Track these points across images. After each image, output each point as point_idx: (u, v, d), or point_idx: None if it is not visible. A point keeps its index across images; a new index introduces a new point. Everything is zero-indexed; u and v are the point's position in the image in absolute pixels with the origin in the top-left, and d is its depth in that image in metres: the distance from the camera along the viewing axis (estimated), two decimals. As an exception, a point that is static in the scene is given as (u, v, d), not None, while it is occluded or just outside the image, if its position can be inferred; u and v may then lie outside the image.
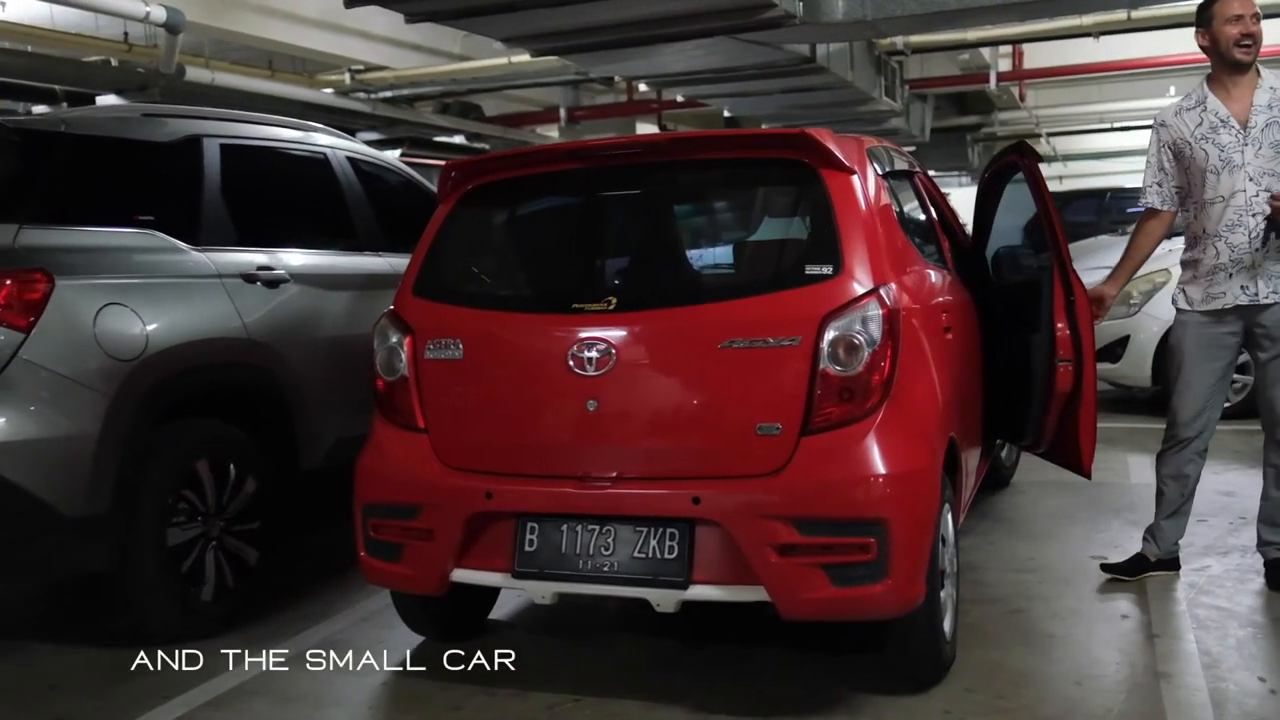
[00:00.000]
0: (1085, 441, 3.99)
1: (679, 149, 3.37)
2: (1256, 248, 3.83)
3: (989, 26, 10.09)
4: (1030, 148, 4.10)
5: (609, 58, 7.44)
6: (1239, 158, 3.86)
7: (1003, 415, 4.31)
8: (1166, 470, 4.13)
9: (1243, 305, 3.89)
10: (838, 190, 3.18)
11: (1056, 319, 3.90)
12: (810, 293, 3.07)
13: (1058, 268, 3.92)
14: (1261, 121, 3.84)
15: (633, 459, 3.16)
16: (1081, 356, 3.91)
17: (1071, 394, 3.95)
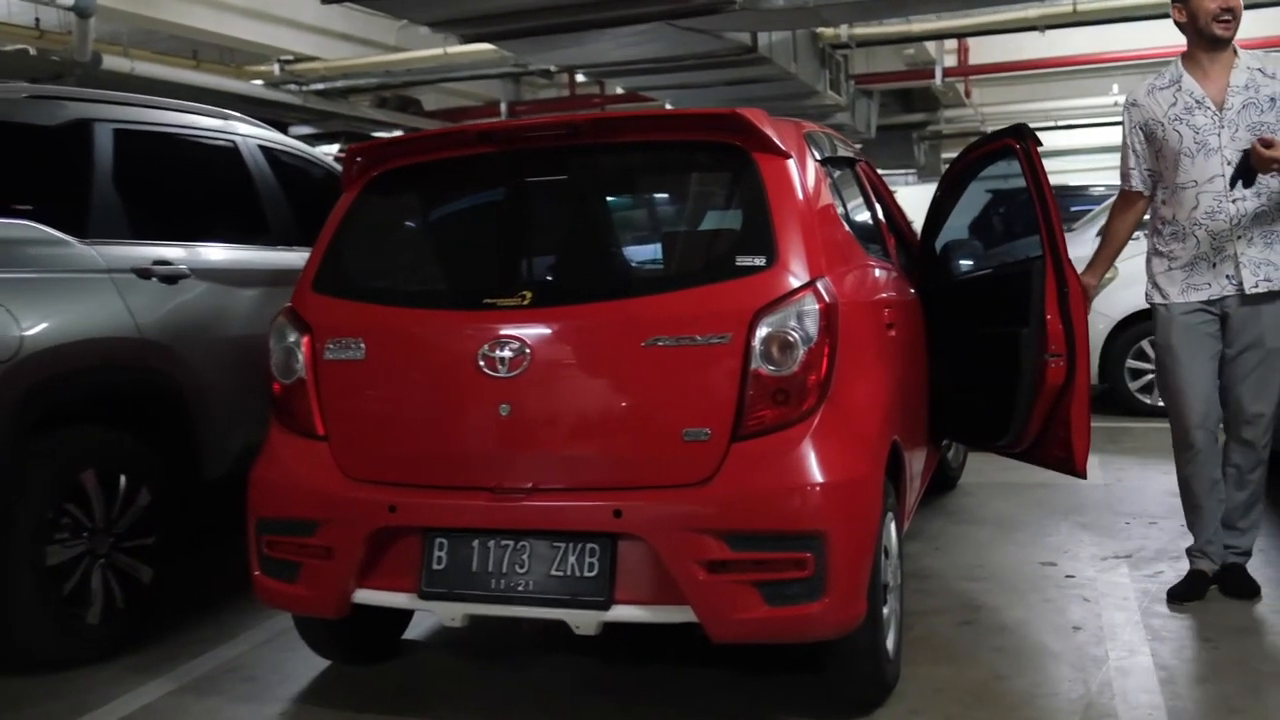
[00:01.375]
0: (1079, 440, 3.74)
1: (601, 131, 3.11)
2: (1239, 235, 3.64)
3: (934, 19, 9.95)
4: (1030, 130, 3.84)
5: (542, 45, 7.15)
6: (1215, 140, 3.66)
7: (973, 415, 4.09)
8: (1196, 485, 3.85)
9: (1229, 296, 3.68)
10: (772, 176, 2.94)
11: (1048, 311, 3.66)
12: (741, 286, 2.82)
13: (1050, 258, 3.67)
14: (1238, 103, 3.65)
15: (549, 468, 2.90)
16: (1074, 350, 3.67)
17: (1062, 390, 3.71)
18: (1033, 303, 3.69)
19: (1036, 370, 3.68)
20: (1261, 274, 3.64)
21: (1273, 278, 3.64)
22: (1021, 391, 3.74)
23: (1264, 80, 3.63)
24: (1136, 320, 7.08)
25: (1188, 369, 3.75)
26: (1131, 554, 4.42)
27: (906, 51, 12.68)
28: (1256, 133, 3.60)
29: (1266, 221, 3.64)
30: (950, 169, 4.45)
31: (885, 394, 3.15)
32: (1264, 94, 3.62)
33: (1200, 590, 3.87)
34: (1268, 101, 3.62)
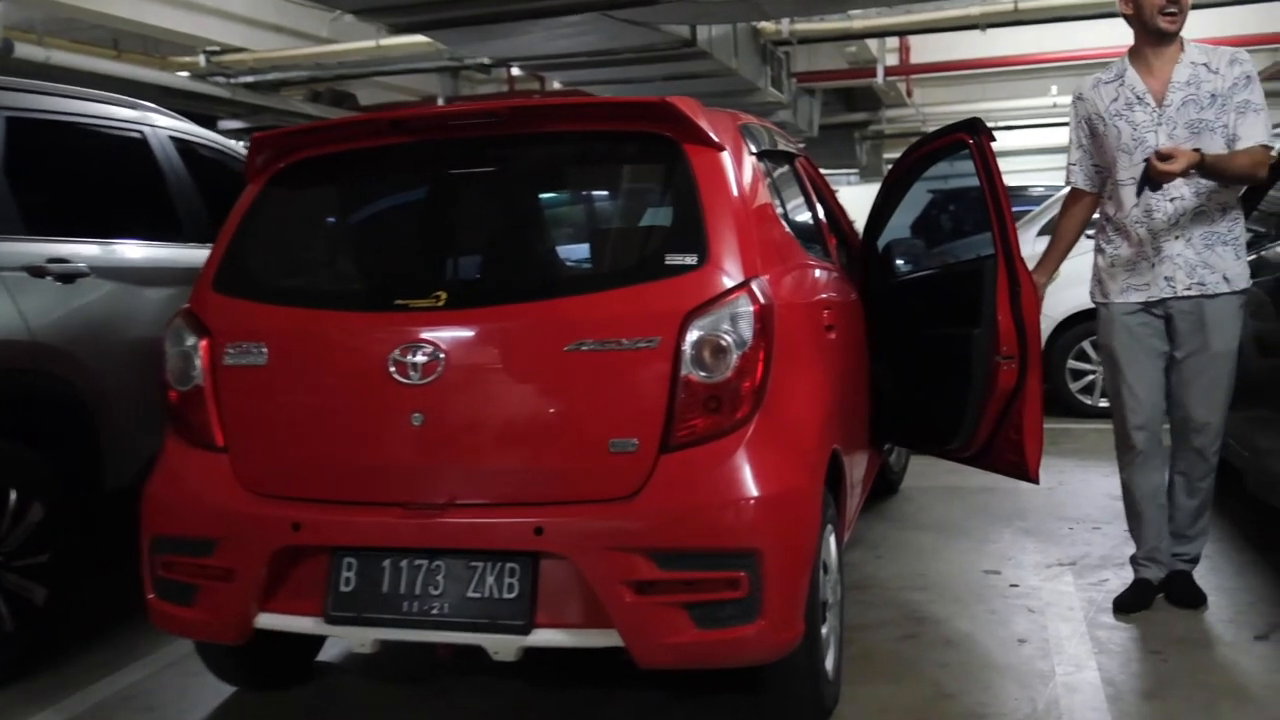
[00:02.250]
0: (1031, 445, 3.62)
1: (521, 120, 2.91)
2: (1177, 235, 3.54)
3: (875, 16, 9.86)
4: (983, 124, 3.70)
5: (473, 36, 6.91)
6: (1152, 138, 3.55)
7: (921, 418, 3.96)
8: (1142, 489, 3.76)
9: (1167, 298, 3.58)
10: (704, 169, 2.77)
11: (999, 311, 3.53)
12: (671, 286, 2.64)
13: (1003, 256, 3.54)
14: (1178, 99, 3.54)
15: (466, 482, 2.70)
16: (1027, 352, 3.54)
17: (1014, 393, 3.58)
18: (984, 303, 3.56)
19: (987, 372, 3.55)
20: (1197, 276, 3.54)
21: (1208, 281, 3.53)
22: (972, 394, 3.61)
23: (1207, 76, 3.52)
24: (1077, 321, 7.04)
25: (1128, 369, 3.66)
26: (1075, 561, 4.32)
27: (848, 50, 12.60)
28: (1194, 130, 3.50)
29: (1206, 222, 3.54)
30: (897, 165, 4.30)
31: (824, 400, 2.99)
32: (1205, 90, 3.51)
33: (1146, 599, 3.76)
34: (1208, 98, 3.51)
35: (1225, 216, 3.54)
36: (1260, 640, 3.45)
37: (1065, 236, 3.84)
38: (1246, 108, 3.47)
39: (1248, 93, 3.48)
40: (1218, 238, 3.53)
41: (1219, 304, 3.52)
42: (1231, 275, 3.52)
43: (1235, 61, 3.51)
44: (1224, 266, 3.52)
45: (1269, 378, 3.79)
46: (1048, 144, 18.55)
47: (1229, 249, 3.53)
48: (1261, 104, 3.49)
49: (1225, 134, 3.49)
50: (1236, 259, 3.54)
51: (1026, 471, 3.68)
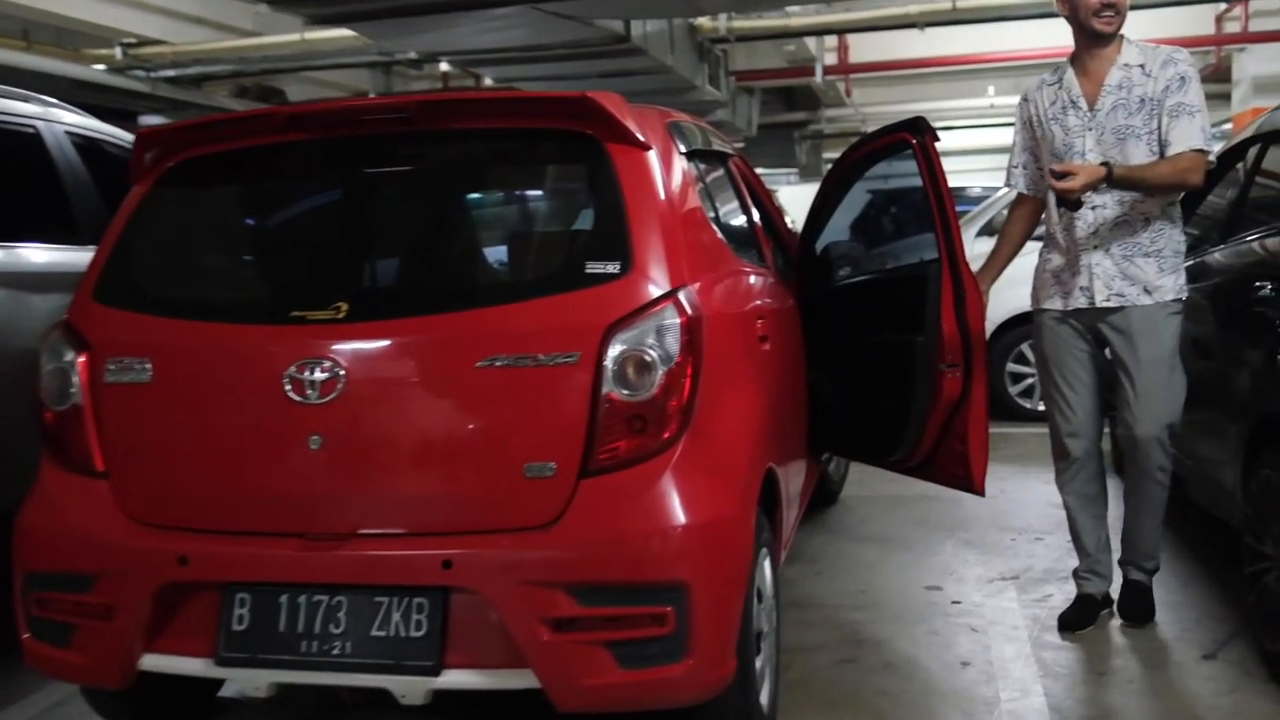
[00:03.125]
0: (976, 456, 3.48)
1: (430, 116, 2.69)
2: (1096, 245, 3.44)
3: (814, 14, 9.75)
4: (927, 124, 3.56)
5: (398, 29, 6.64)
6: (1080, 143, 3.46)
7: (862, 429, 3.81)
8: (1072, 500, 3.67)
9: (1082, 309, 3.49)
10: (628, 169, 2.57)
11: (944, 318, 3.39)
12: (591, 297, 2.44)
13: (947, 261, 3.40)
14: (1109, 104, 3.43)
15: (369, 510, 2.48)
16: (971, 360, 3.41)
17: (958, 403, 3.45)
18: (928, 309, 3.42)
19: (931, 381, 3.41)
20: (1116, 288, 3.42)
21: (1127, 293, 3.41)
22: (915, 404, 3.46)
23: (1139, 79, 3.39)
24: (1016, 323, 6.95)
25: (1059, 376, 3.58)
26: (1019, 575, 4.19)
27: (787, 48, 12.49)
28: (1120, 137, 3.39)
29: (1127, 233, 3.42)
30: (837, 165, 4.13)
31: (758, 416, 2.82)
32: (1135, 94, 3.39)
33: (1091, 615, 3.64)
34: (1137, 103, 3.38)
35: (1148, 228, 3.41)
36: (1208, 659, 3.34)
37: (1009, 241, 3.73)
38: (1179, 111, 3.33)
39: (1181, 95, 3.34)
40: (1139, 249, 3.41)
41: (1142, 313, 3.41)
42: (1154, 287, 3.40)
43: (1169, 62, 3.38)
44: (1145, 278, 3.40)
45: (1209, 385, 3.69)
46: (986, 144, 18.65)
47: (1150, 261, 3.41)
48: (1197, 106, 3.34)
49: (1153, 140, 3.37)
50: (1160, 271, 3.40)
51: (972, 484, 3.54)
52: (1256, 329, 3.42)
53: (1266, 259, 3.53)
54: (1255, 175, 4.01)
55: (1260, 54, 12.20)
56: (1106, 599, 3.71)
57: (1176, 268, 3.44)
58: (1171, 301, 3.41)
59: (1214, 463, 3.78)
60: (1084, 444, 3.60)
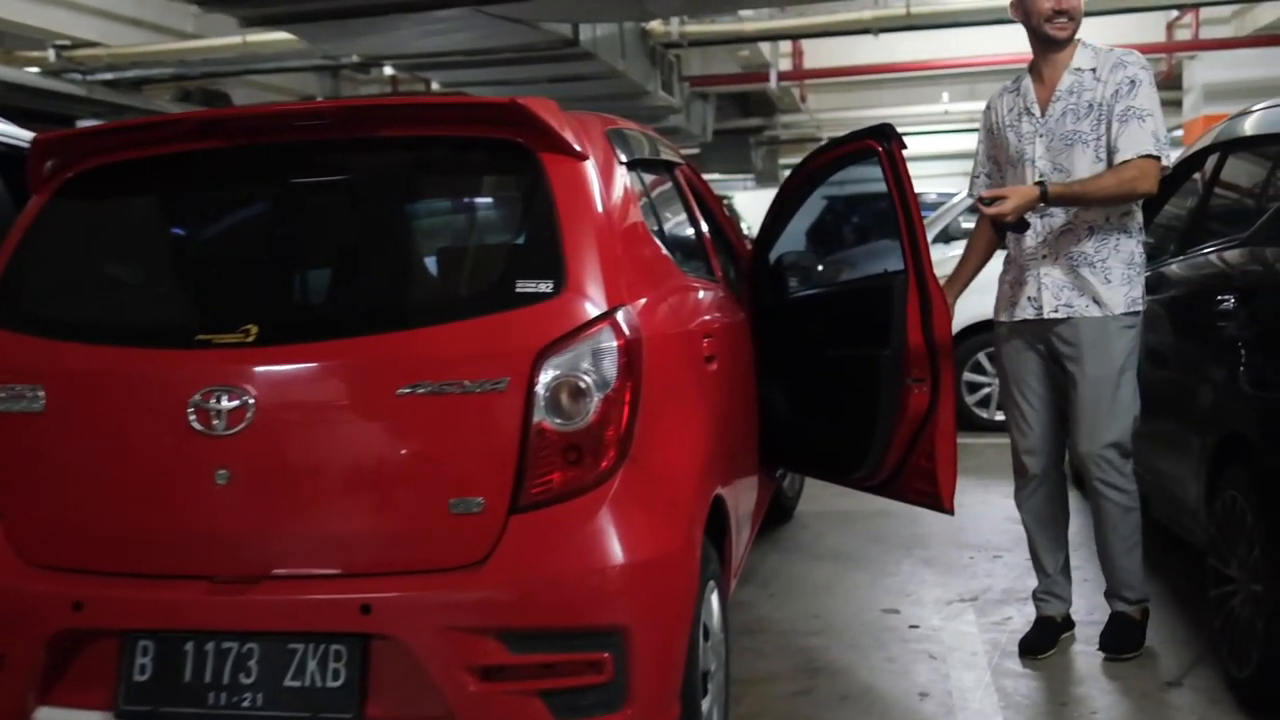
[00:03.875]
0: (944, 473, 3.35)
1: (352, 123, 2.50)
2: (1044, 254, 3.34)
3: (767, 19, 9.64)
4: (894, 130, 3.41)
5: (337, 32, 6.41)
6: (1030, 150, 3.36)
7: (823, 445, 3.69)
8: (1030, 519, 3.55)
9: (1030, 320, 3.37)
10: (563, 180, 2.40)
11: (910, 331, 3.27)
12: (521, 318, 2.27)
13: (914, 273, 3.27)
14: (1058, 110, 3.32)
15: (282, 551, 2.29)
16: (938, 375, 3.28)
17: (925, 418, 3.32)
18: (893, 322, 3.29)
19: (897, 397, 3.28)
20: (1064, 299, 3.31)
21: (1075, 304, 3.30)
22: (880, 420, 3.33)
23: (1090, 84, 3.28)
24: (972, 333, 6.86)
25: (1016, 390, 3.48)
26: (978, 596, 4.06)
27: (741, 53, 12.38)
28: (1068, 143, 3.28)
29: (1073, 242, 3.31)
30: (796, 172, 3.98)
31: (704, 442, 2.65)
32: (1084, 100, 3.28)
33: (1051, 639, 3.52)
34: (1085, 108, 3.27)
35: (1093, 236, 3.30)
36: (1173, 687, 3.22)
37: (974, 252, 3.64)
38: (1128, 116, 3.21)
39: (1131, 99, 3.22)
40: (1084, 259, 3.30)
41: (1091, 326, 3.30)
42: (1103, 299, 3.28)
43: (1119, 66, 3.26)
44: (1092, 290, 3.29)
45: (1168, 398, 3.58)
46: (941, 150, 18.68)
47: (1097, 272, 3.29)
48: (1149, 110, 3.22)
49: (1100, 146, 3.25)
50: (1107, 282, 3.28)
51: (940, 501, 3.42)
52: (1218, 344, 3.31)
53: (1227, 271, 3.42)
54: (1214, 185, 3.92)
55: (1211, 61, 12.27)
56: (1067, 621, 3.59)
57: (1129, 279, 3.31)
58: (1122, 315, 3.29)
59: (1175, 479, 3.67)
60: (1041, 461, 3.49)
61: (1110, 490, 3.36)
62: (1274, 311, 3.04)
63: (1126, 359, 3.30)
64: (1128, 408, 3.33)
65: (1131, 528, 3.40)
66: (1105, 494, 3.37)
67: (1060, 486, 3.55)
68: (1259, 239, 3.28)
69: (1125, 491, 3.37)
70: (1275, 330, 3.01)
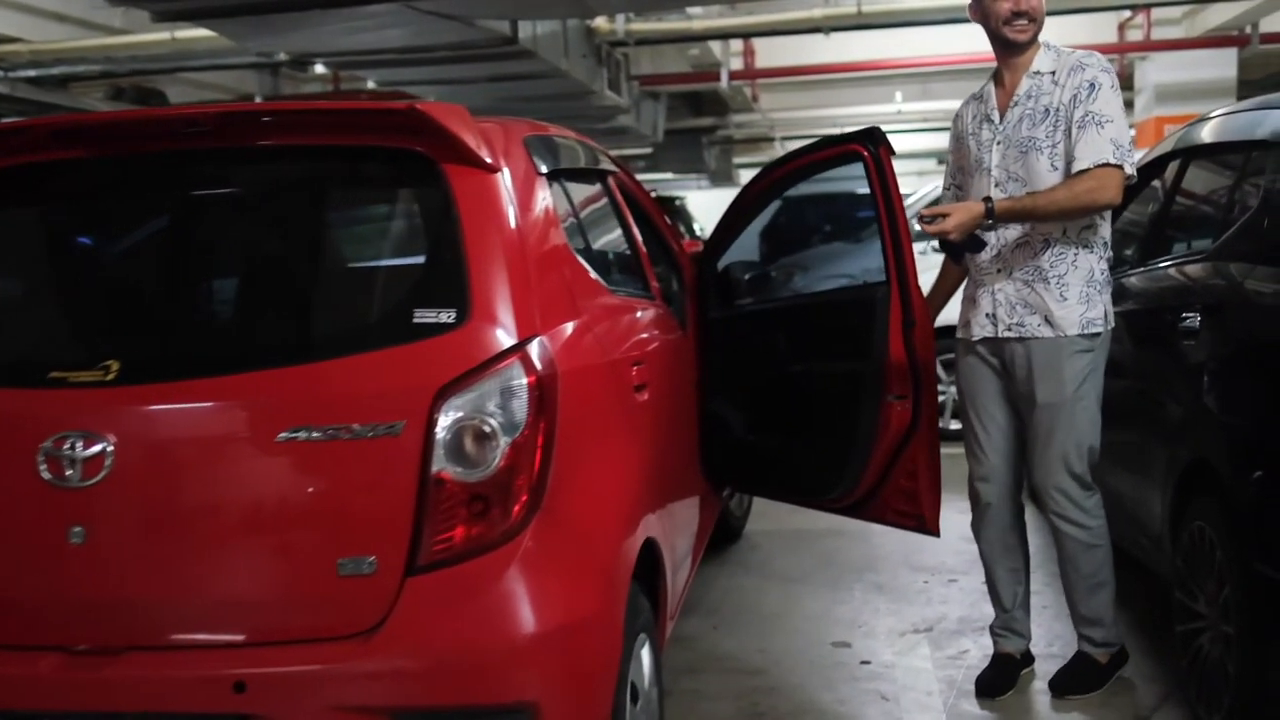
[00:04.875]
0: (928, 494, 3.20)
1: (231, 130, 2.22)
2: (999, 268, 3.14)
3: (716, 17, 9.41)
4: (882, 134, 3.24)
5: (257, 28, 6.06)
6: (988, 157, 3.16)
7: (790, 466, 3.50)
8: (986, 549, 3.35)
9: (988, 338, 3.18)
10: (469, 196, 2.14)
11: (891, 346, 3.11)
12: (420, 353, 2.02)
13: (897, 285, 3.11)
14: (1016, 115, 3.11)
15: (146, 619, 2.02)
16: (921, 391, 3.13)
17: (906, 436, 3.17)
18: (875, 336, 3.12)
19: (877, 414, 3.13)
20: (1016, 316, 3.11)
21: (1028, 323, 3.09)
22: (859, 439, 3.18)
23: (1048, 88, 3.07)
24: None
25: (972, 412, 3.29)
26: (932, 626, 3.85)
27: (691, 52, 12.14)
28: (1023, 150, 3.07)
29: (1028, 256, 3.11)
30: (765, 174, 3.73)
31: (632, 482, 2.41)
32: (1040, 104, 3.08)
33: (1010, 677, 3.31)
34: (1042, 114, 3.06)
35: (1048, 251, 3.08)
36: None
37: (949, 268, 3.44)
38: (1086, 122, 2.98)
39: (1091, 103, 2.99)
40: (1039, 275, 3.09)
41: (1043, 348, 3.08)
42: (1057, 318, 3.06)
43: (1077, 68, 3.04)
44: (1046, 307, 3.07)
45: (1128, 417, 3.39)
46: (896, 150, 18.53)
47: (1052, 288, 3.07)
48: (1110, 115, 2.99)
49: (1055, 154, 3.04)
50: (1061, 300, 3.06)
51: (924, 523, 3.27)
52: (1181, 362, 3.12)
53: (1192, 286, 3.23)
54: (1176, 193, 3.73)
55: (1162, 62, 12.19)
56: (1026, 657, 3.39)
57: (1088, 298, 3.08)
58: (1078, 337, 3.07)
59: (1135, 501, 3.48)
60: (996, 490, 3.28)
61: (1068, 525, 3.16)
62: (1243, 331, 2.84)
63: (1082, 385, 3.08)
64: (1085, 437, 3.12)
65: (1096, 565, 3.18)
66: (1063, 529, 3.18)
67: (1018, 516, 3.35)
68: (1225, 253, 3.09)
69: (1085, 527, 3.16)
70: (1244, 351, 2.82)
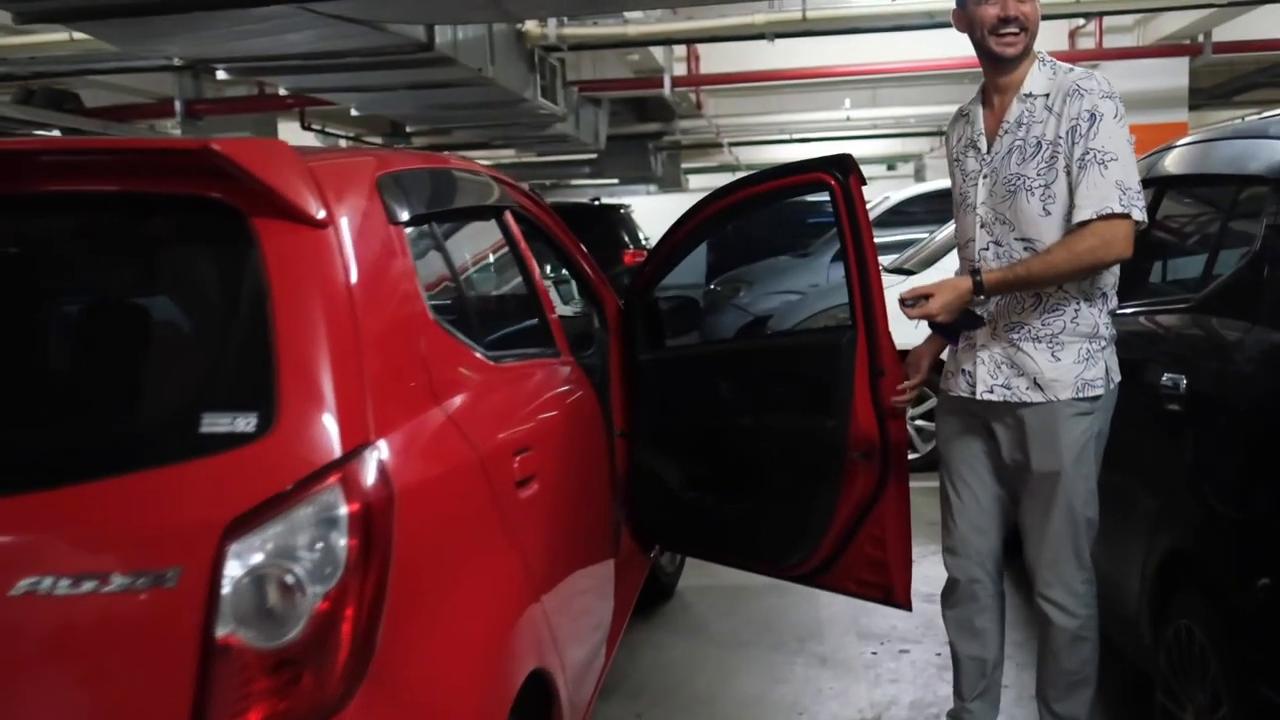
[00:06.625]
0: (897, 562, 2.88)
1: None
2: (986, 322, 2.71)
3: (654, 22, 8.96)
4: (854, 162, 2.87)
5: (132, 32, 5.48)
6: (973, 194, 2.72)
7: (737, 530, 3.16)
8: (951, 629, 2.94)
9: (966, 397, 2.75)
10: (284, 259, 1.67)
11: (856, 398, 2.81)
12: (205, 474, 1.53)
13: (864, 330, 2.77)
14: (1005, 145, 2.66)
15: None
16: (889, 448, 2.85)
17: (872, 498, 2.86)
18: (838, 387, 2.80)
19: (839, 473, 2.82)
20: (999, 378, 2.68)
21: (1014, 385, 2.66)
22: (818, 501, 2.87)
23: (1040, 115, 2.62)
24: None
25: (946, 475, 2.89)
26: (880, 715, 3.42)
27: (631, 58, 11.70)
28: (1011, 189, 2.63)
29: (1015, 311, 2.67)
30: (714, 200, 3.29)
31: (509, 607, 1.95)
32: (1031, 135, 2.62)
33: None
34: (1033, 146, 2.61)
35: (1039, 307, 2.64)
36: None
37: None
38: (1088, 162, 2.51)
39: (1092, 138, 2.51)
40: (1027, 332, 2.65)
41: (1033, 414, 2.65)
42: (1046, 381, 2.62)
43: (1075, 94, 2.56)
44: (1035, 369, 2.63)
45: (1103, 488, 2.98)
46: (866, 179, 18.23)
47: (1042, 348, 2.64)
48: (1114, 151, 2.51)
49: (1049, 196, 2.58)
50: (1054, 361, 2.62)
51: (892, 595, 2.95)
52: (1165, 431, 2.72)
53: (1177, 346, 2.82)
54: (1150, 228, 3.32)
55: (1114, 70, 11.92)
56: (999, 753, 2.97)
57: (1087, 357, 2.63)
58: (1074, 400, 2.62)
59: (1109, 579, 3.06)
60: (965, 567, 2.86)
61: (1057, 612, 2.72)
62: (1248, 407, 2.41)
63: (1080, 453, 2.63)
64: (1082, 512, 2.67)
65: (1080, 661, 2.74)
66: (1051, 615, 2.74)
67: (993, 600, 2.89)
68: (1213, 306, 2.68)
69: (1075, 616, 2.71)
70: (1245, 430, 2.40)
